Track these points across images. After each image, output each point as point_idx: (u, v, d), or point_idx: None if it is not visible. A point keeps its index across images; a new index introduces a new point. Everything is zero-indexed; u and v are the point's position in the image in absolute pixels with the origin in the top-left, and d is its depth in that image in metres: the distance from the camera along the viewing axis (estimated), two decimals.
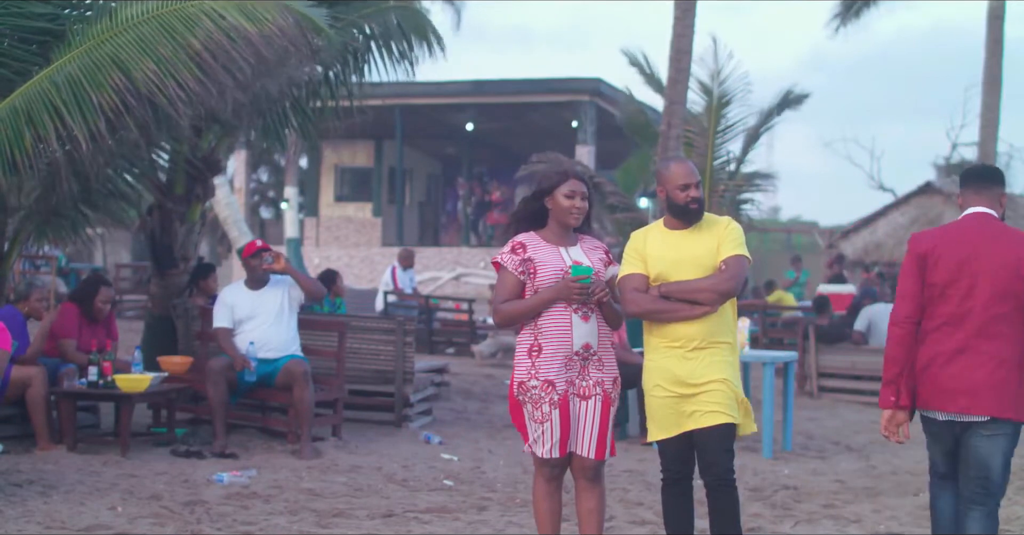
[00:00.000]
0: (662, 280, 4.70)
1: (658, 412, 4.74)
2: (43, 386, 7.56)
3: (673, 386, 4.68)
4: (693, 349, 4.66)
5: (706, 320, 4.65)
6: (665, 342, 4.72)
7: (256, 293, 8.30)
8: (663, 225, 4.85)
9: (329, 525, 5.93)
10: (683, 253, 4.71)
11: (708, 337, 4.66)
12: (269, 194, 40.96)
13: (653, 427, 4.78)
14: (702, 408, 4.64)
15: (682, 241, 4.75)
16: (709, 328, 4.67)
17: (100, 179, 8.40)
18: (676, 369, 4.68)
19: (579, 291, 4.58)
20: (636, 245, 4.82)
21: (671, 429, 4.72)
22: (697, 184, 4.72)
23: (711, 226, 4.77)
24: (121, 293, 19.28)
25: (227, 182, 21.78)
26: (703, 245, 4.71)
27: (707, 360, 4.66)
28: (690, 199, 4.70)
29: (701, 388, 4.64)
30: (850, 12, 22.31)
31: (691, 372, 4.66)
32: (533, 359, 4.69)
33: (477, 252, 25.73)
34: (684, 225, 4.78)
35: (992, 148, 19.52)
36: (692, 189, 4.70)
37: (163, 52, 7.07)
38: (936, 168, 38.46)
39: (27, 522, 5.69)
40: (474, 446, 8.84)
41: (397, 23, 9.97)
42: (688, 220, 4.75)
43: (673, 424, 4.71)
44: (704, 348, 4.66)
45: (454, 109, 26.27)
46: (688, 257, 4.69)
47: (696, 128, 14.68)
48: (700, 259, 4.68)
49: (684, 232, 4.77)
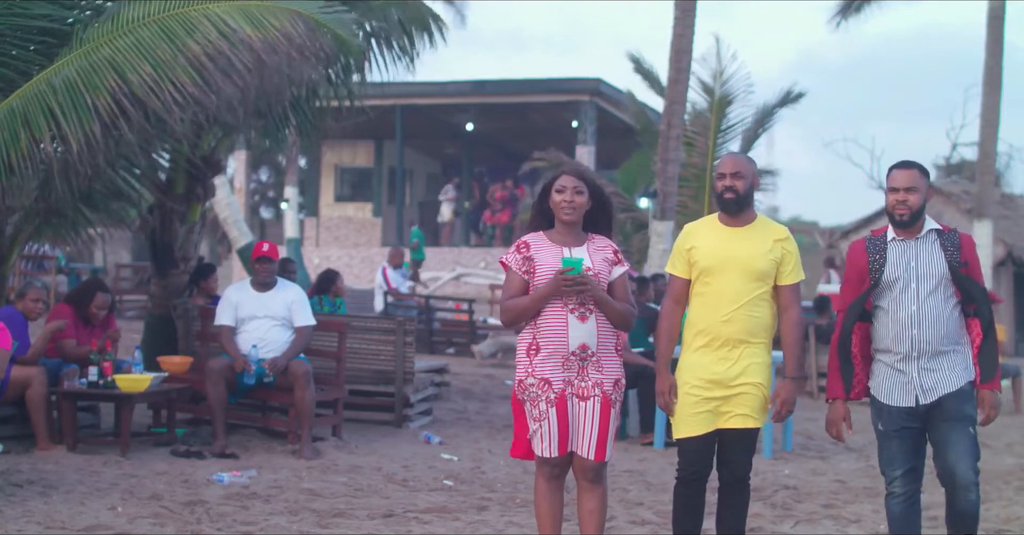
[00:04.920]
0: (708, 275, 4.76)
1: (688, 409, 4.75)
2: (43, 386, 7.55)
3: (707, 385, 4.73)
4: (730, 348, 4.71)
5: (744, 319, 4.71)
6: (702, 339, 4.76)
7: (261, 294, 8.30)
8: (717, 219, 4.92)
9: (329, 525, 5.93)
10: (732, 252, 4.76)
11: (746, 336, 4.72)
12: (269, 194, 40.97)
13: (679, 424, 4.79)
14: (735, 410, 4.72)
15: (733, 238, 4.80)
16: (747, 327, 4.72)
17: (99, 179, 8.40)
18: (713, 367, 4.72)
19: (568, 283, 4.58)
20: (683, 244, 4.89)
21: (698, 428, 4.74)
22: (734, 174, 4.80)
23: (764, 229, 4.85)
24: (121, 293, 19.27)
25: (227, 182, 21.73)
26: (753, 247, 4.77)
27: (745, 361, 4.72)
28: (724, 188, 4.81)
29: (736, 389, 4.71)
30: (850, 9, 22.32)
31: (727, 373, 4.71)
32: (531, 358, 4.71)
33: (477, 252, 25.71)
34: (733, 220, 4.84)
35: (992, 148, 19.51)
36: (727, 178, 4.81)
37: (160, 55, 7.06)
38: (936, 168, 38.48)
39: (27, 522, 5.68)
40: (474, 446, 8.84)
41: (398, 19, 9.96)
42: (723, 208, 4.85)
43: (701, 423, 4.73)
44: (740, 347, 4.71)
45: (454, 109, 26.24)
46: (735, 257, 4.75)
47: (698, 128, 14.70)
48: (746, 261, 4.74)
49: (737, 230, 4.82)
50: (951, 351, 4.67)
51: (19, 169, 7.05)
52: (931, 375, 4.66)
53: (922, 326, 4.65)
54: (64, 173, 7.32)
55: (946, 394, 4.64)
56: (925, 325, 4.65)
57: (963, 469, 4.55)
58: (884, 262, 4.71)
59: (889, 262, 4.71)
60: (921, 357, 4.66)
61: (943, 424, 4.63)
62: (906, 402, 4.67)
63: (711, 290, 4.76)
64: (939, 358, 4.65)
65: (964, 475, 4.54)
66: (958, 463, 4.56)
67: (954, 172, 34.65)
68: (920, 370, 4.66)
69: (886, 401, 4.71)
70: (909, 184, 4.69)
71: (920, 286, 4.66)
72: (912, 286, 4.67)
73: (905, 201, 4.68)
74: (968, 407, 4.65)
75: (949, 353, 4.67)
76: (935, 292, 4.66)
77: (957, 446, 4.58)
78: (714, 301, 4.74)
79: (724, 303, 4.72)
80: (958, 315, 4.71)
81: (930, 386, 4.65)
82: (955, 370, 4.66)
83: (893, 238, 4.76)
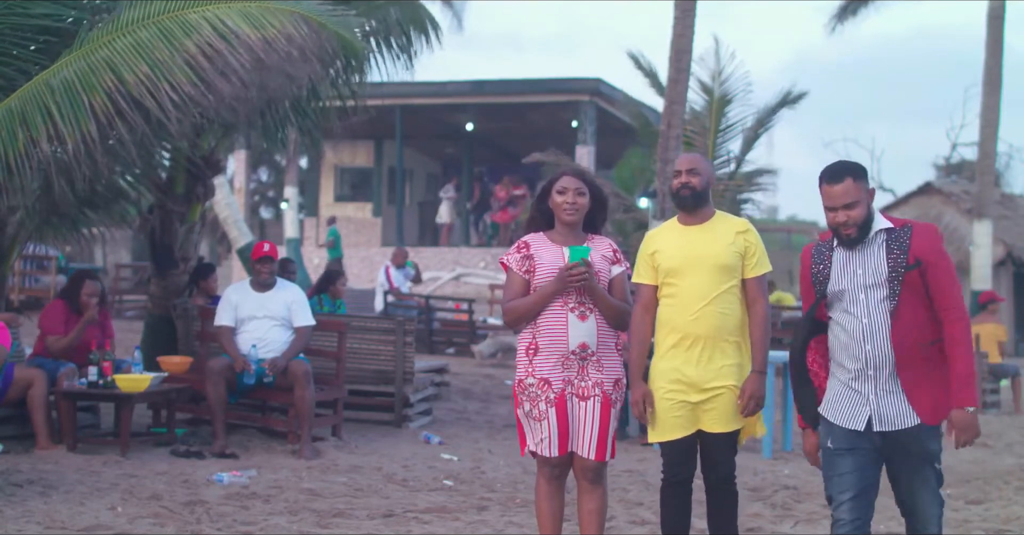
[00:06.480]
0: (674, 277, 4.74)
1: (663, 414, 4.74)
2: (44, 386, 7.57)
3: (681, 389, 4.71)
4: (701, 347, 4.69)
5: (713, 316, 4.69)
6: (672, 340, 4.74)
7: (261, 294, 8.30)
8: (677, 221, 4.91)
9: (329, 525, 5.93)
10: (695, 251, 4.75)
11: (716, 333, 4.69)
12: (269, 194, 40.97)
13: (656, 428, 4.78)
14: (712, 413, 4.70)
15: (695, 237, 4.79)
16: (717, 324, 4.69)
17: (99, 179, 8.40)
18: (684, 370, 4.70)
19: (575, 278, 4.59)
20: (646, 250, 4.89)
21: (676, 431, 4.73)
22: (690, 171, 4.79)
23: (724, 223, 4.83)
24: (121, 293, 19.28)
25: (227, 182, 21.74)
26: (715, 243, 4.76)
27: (717, 363, 4.70)
28: (680, 185, 4.80)
29: (710, 392, 4.69)
30: (847, 12, 22.36)
31: (700, 375, 4.69)
32: (530, 357, 4.72)
33: (477, 252, 25.70)
34: (692, 219, 4.83)
35: (992, 148, 19.52)
36: (683, 175, 4.80)
37: (158, 56, 7.06)
38: (936, 168, 38.49)
39: (27, 522, 5.68)
40: (474, 446, 8.84)
41: (396, 19, 9.98)
42: (680, 205, 4.84)
43: (678, 426, 4.73)
44: (711, 347, 4.69)
45: (454, 109, 26.24)
46: (700, 255, 4.74)
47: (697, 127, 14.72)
48: (711, 258, 4.72)
49: (697, 228, 4.81)
50: (916, 367, 4.09)
51: (17, 169, 7.05)
52: (892, 400, 4.09)
53: (875, 340, 4.09)
54: (65, 174, 7.32)
55: (907, 428, 4.08)
56: (879, 338, 4.08)
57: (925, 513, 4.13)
58: (828, 272, 4.18)
59: (833, 271, 4.17)
60: (879, 375, 4.10)
61: (904, 462, 4.13)
62: (856, 425, 4.13)
63: (678, 290, 4.73)
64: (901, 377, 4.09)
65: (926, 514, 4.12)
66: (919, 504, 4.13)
67: (954, 172, 34.71)
68: (880, 392, 4.10)
69: (834, 420, 4.18)
70: (846, 200, 4.07)
71: (868, 297, 4.11)
72: (860, 297, 4.12)
73: (847, 221, 4.08)
74: (932, 443, 4.10)
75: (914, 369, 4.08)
76: (887, 301, 4.09)
77: (922, 491, 4.12)
78: (682, 301, 4.71)
79: (692, 301, 4.69)
80: (924, 324, 4.11)
81: (890, 416, 4.09)
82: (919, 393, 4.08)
83: (839, 244, 4.21)
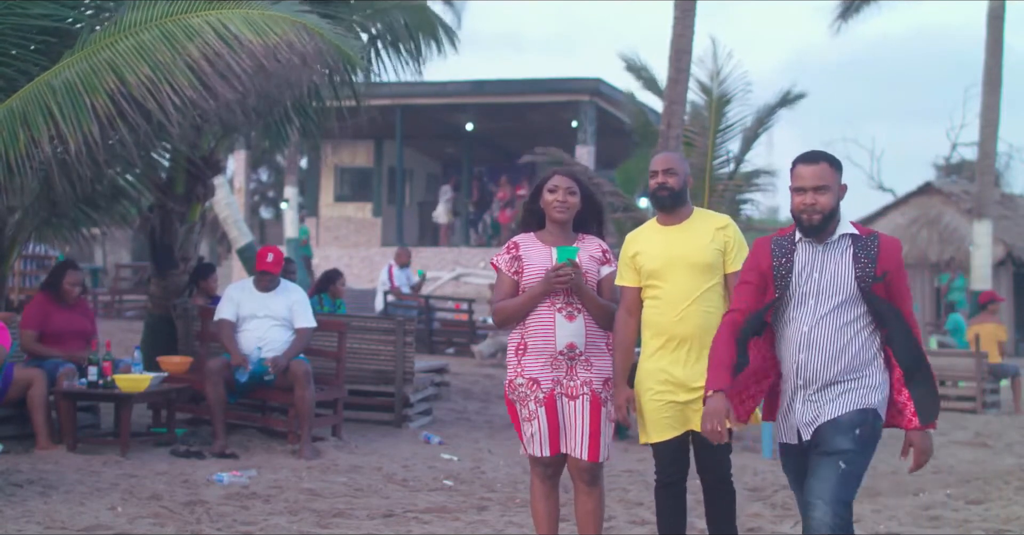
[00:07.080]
0: (656, 278, 4.72)
1: (653, 415, 4.72)
2: (44, 386, 7.57)
3: (671, 389, 4.68)
4: (687, 348, 4.66)
5: (698, 315, 4.66)
6: (658, 342, 4.71)
7: (264, 294, 8.31)
8: (656, 221, 4.89)
9: (329, 525, 5.93)
10: (676, 251, 4.72)
11: (701, 333, 4.66)
12: (269, 194, 40.96)
13: (647, 430, 4.77)
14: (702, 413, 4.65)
15: (674, 237, 4.76)
16: (701, 323, 4.66)
17: (99, 179, 8.41)
18: (671, 370, 4.68)
19: (561, 279, 4.58)
20: (627, 252, 4.85)
21: (666, 432, 4.71)
22: (667, 171, 4.77)
23: (703, 221, 4.81)
24: (121, 293, 19.29)
25: (227, 182, 21.74)
26: (695, 241, 4.73)
27: (703, 363, 4.64)
28: (657, 185, 4.79)
29: (699, 392, 4.63)
30: (850, 10, 22.36)
31: (686, 376, 4.66)
32: (519, 357, 4.73)
33: (477, 252, 25.70)
34: (671, 218, 4.81)
35: (992, 148, 19.52)
36: (660, 175, 4.78)
37: (159, 58, 7.08)
38: (936, 168, 38.51)
39: (27, 522, 5.68)
40: (474, 446, 8.85)
41: (404, 23, 9.97)
42: (658, 205, 4.83)
43: (668, 427, 4.71)
44: (697, 347, 4.65)
45: (454, 109, 26.25)
46: (681, 254, 4.71)
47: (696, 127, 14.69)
48: (692, 256, 4.69)
49: (676, 227, 4.79)
50: (849, 382, 3.90)
51: (18, 169, 7.06)
52: (813, 408, 3.93)
53: (811, 351, 3.90)
54: (65, 174, 7.33)
55: (822, 423, 3.90)
56: (815, 350, 3.90)
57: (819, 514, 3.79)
58: (791, 269, 3.96)
59: (795, 270, 3.96)
60: (808, 387, 3.93)
61: (813, 457, 3.92)
62: (788, 438, 4.01)
63: (662, 292, 4.70)
64: (831, 389, 3.91)
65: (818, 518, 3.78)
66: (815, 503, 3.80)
67: (954, 172, 34.71)
68: (805, 401, 3.95)
69: (776, 434, 4.04)
70: (818, 182, 3.92)
71: (818, 303, 3.91)
72: (808, 303, 3.92)
73: (814, 205, 3.91)
74: (842, 439, 3.84)
75: (845, 384, 3.90)
76: (836, 311, 3.89)
77: (822, 484, 3.81)
78: (666, 301, 4.69)
79: (676, 301, 4.67)
80: (869, 341, 3.93)
81: (811, 419, 3.93)
82: (843, 398, 3.89)
83: (801, 239, 4.01)
